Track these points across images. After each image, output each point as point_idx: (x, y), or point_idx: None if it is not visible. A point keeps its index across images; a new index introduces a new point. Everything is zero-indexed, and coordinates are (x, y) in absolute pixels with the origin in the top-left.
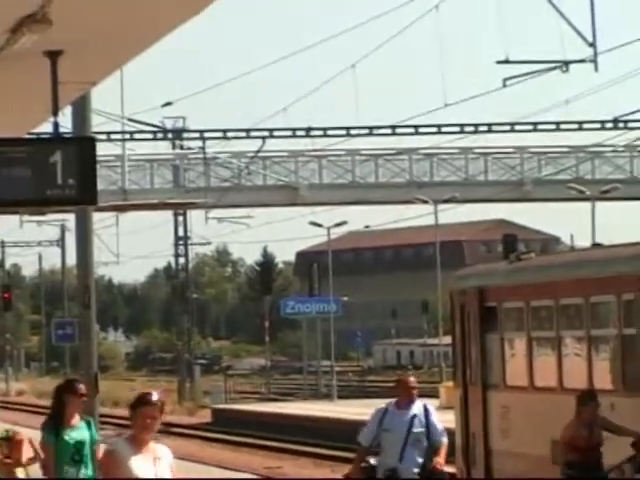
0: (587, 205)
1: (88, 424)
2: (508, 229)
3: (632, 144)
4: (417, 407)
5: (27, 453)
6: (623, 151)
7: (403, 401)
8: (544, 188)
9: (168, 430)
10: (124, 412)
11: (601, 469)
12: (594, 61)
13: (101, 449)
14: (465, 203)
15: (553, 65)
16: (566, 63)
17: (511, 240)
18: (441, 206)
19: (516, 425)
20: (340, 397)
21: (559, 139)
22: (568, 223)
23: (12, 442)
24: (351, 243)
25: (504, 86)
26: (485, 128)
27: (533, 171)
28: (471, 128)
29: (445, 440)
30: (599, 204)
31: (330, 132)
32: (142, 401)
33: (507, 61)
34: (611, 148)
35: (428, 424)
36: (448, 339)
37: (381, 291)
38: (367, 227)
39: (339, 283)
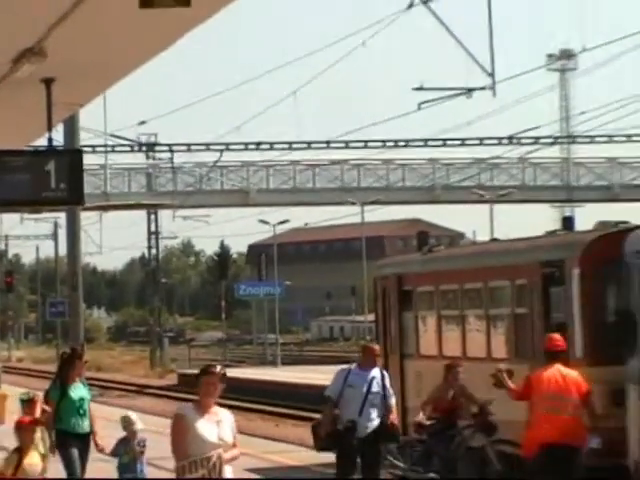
0: (487, 207)
1: (84, 384)
2: (421, 227)
3: (524, 157)
4: (376, 371)
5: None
6: (516, 163)
7: (366, 364)
8: (451, 193)
9: (142, 390)
10: (106, 375)
11: (455, 429)
12: (493, 88)
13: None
14: (386, 205)
15: (459, 92)
16: (469, 90)
17: (424, 236)
18: (367, 207)
19: (427, 386)
20: (283, 364)
21: (464, 153)
22: (471, 222)
23: (32, 402)
24: (293, 237)
25: (419, 109)
26: (403, 143)
27: (442, 179)
28: (391, 143)
29: (394, 401)
30: (496, 206)
31: (276, 146)
32: (205, 371)
33: (421, 88)
34: (506, 160)
35: (384, 387)
36: (372, 316)
37: (317, 277)
38: (306, 224)
39: (283, 270)
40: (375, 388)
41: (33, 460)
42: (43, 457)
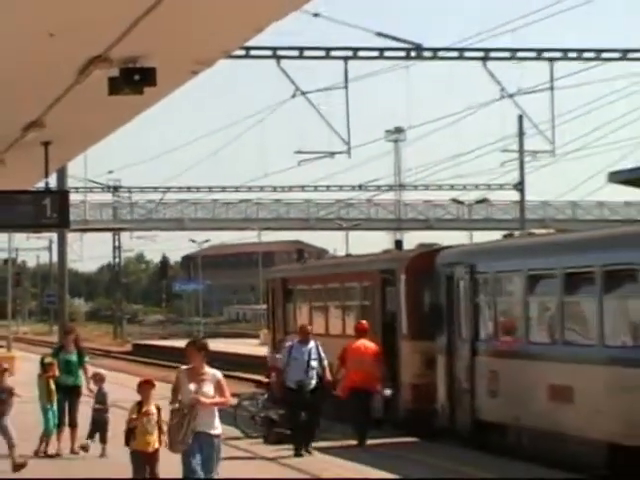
0: (344, 233)
1: (79, 351)
2: (300, 246)
3: (369, 199)
4: (312, 344)
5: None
6: (364, 203)
7: (303, 339)
8: (320, 223)
9: (108, 354)
10: (83, 344)
11: None
12: (348, 152)
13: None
14: (276, 230)
15: (324, 154)
16: (332, 153)
17: (301, 251)
18: (263, 232)
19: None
20: (205, 337)
21: (329, 195)
22: (333, 242)
23: (51, 365)
24: (212, 251)
25: (299, 165)
26: (288, 188)
27: (314, 213)
28: (280, 189)
29: (326, 364)
30: (351, 232)
31: (201, 189)
32: (187, 344)
33: (300, 152)
34: (357, 201)
35: (319, 354)
36: (264, 306)
37: (229, 279)
38: (223, 243)
39: (206, 274)
40: (313, 356)
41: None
42: None
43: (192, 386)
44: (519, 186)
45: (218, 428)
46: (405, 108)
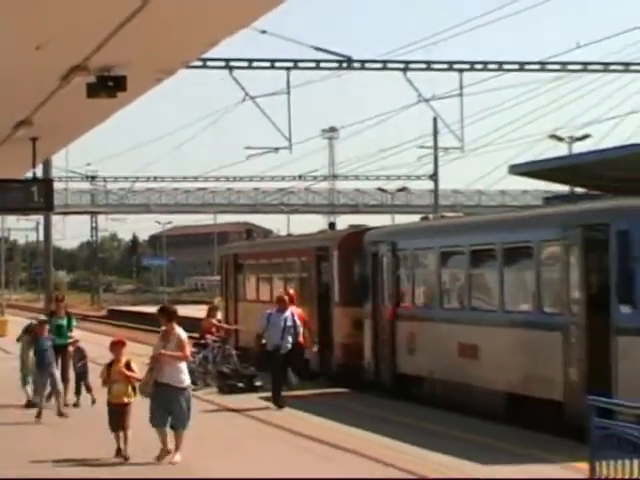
0: (286, 216)
1: (68, 316)
2: (249, 226)
3: (307, 187)
4: (288, 311)
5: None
6: (304, 191)
7: (280, 307)
8: (266, 207)
9: (86, 318)
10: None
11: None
12: (290, 148)
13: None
14: (229, 214)
15: (269, 150)
16: (276, 149)
17: (250, 231)
18: (218, 215)
19: (249, 318)
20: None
21: (275, 184)
22: (277, 224)
23: (44, 322)
24: (175, 232)
25: (247, 159)
26: (239, 179)
27: (261, 199)
28: (232, 179)
29: (301, 330)
30: (292, 215)
31: (166, 179)
32: (160, 309)
33: (249, 147)
34: (298, 189)
35: (294, 321)
36: (219, 277)
37: (189, 255)
38: (184, 224)
39: (169, 251)
40: (289, 323)
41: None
42: None
43: (160, 344)
44: (433, 177)
45: (184, 382)
46: (338, 110)
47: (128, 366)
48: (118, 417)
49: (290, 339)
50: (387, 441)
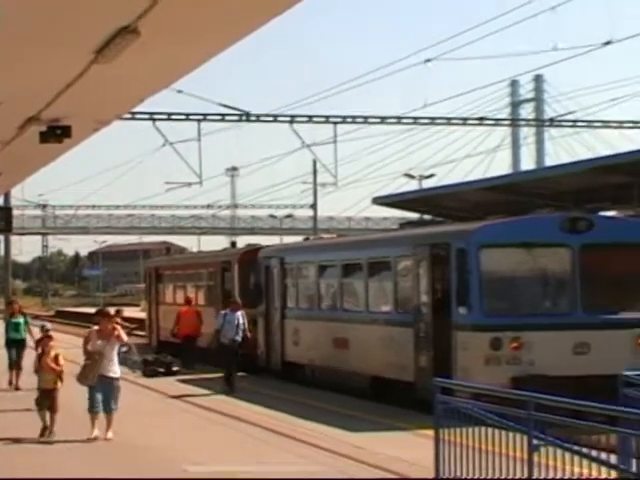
0: (196, 237)
1: (24, 316)
2: (167, 244)
3: (215, 214)
4: (239, 313)
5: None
6: (211, 217)
7: (233, 309)
8: (182, 229)
9: (38, 317)
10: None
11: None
12: (200, 182)
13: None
14: (152, 235)
15: (184, 184)
16: (189, 183)
17: (168, 248)
18: (145, 237)
19: (169, 318)
20: (104, 306)
21: (189, 212)
22: (189, 242)
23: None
24: (110, 249)
25: (166, 191)
26: (160, 207)
27: (178, 223)
28: (155, 207)
29: (247, 327)
30: (202, 237)
31: (102, 207)
32: (100, 312)
33: (168, 182)
34: (205, 216)
35: (243, 320)
36: (144, 285)
37: (121, 267)
38: (116, 243)
39: (104, 264)
40: (240, 321)
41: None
42: None
43: (99, 341)
44: (313, 206)
45: (118, 373)
46: (239, 153)
47: (56, 358)
48: (46, 399)
49: (240, 334)
50: (273, 412)
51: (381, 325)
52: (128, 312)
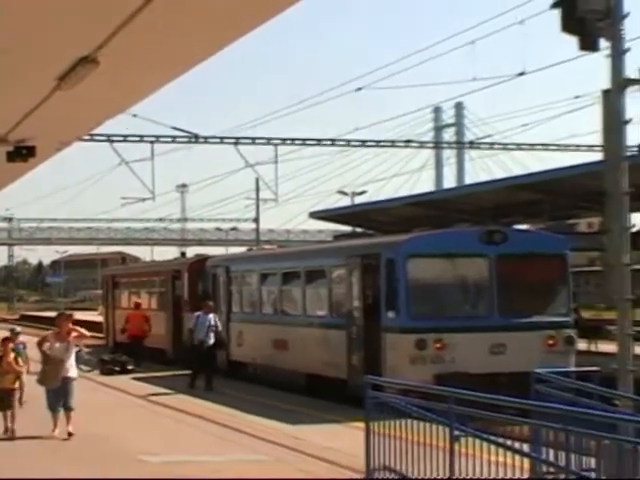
0: (150, 247)
1: None
2: (123, 255)
3: (166, 227)
4: (211, 315)
5: None
6: (163, 229)
7: (205, 311)
8: (137, 241)
9: (4, 320)
10: None
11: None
12: (153, 198)
13: None
14: (109, 245)
15: (138, 199)
16: (144, 199)
17: (124, 258)
18: (101, 246)
19: (123, 321)
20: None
21: (143, 225)
22: (142, 252)
23: None
24: (71, 258)
25: (122, 206)
26: (116, 221)
27: (133, 235)
28: (111, 221)
29: (220, 328)
30: (155, 247)
31: (63, 220)
32: (59, 315)
33: (124, 197)
34: (166, 229)
35: (216, 322)
36: (101, 291)
37: (80, 275)
38: (76, 253)
39: (66, 272)
40: (212, 322)
41: None
42: None
43: (58, 344)
44: (255, 220)
45: (75, 373)
46: (189, 171)
47: (15, 359)
48: (6, 400)
49: (212, 335)
50: (220, 407)
51: (317, 328)
52: (88, 316)
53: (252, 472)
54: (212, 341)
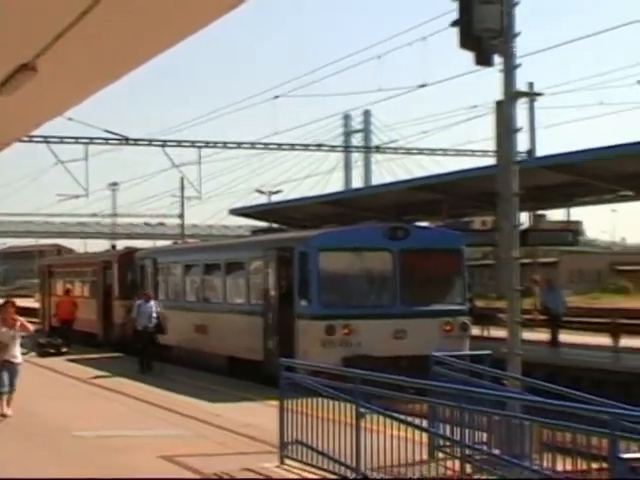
0: (84, 240)
1: None
2: (58, 247)
3: (98, 222)
4: (152, 302)
5: None
6: (95, 223)
7: (146, 300)
8: (71, 234)
9: None
10: None
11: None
12: (87, 195)
13: None
14: (45, 238)
15: (73, 196)
16: (77, 196)
17: (59, 250)
18: (40, 239)
19: (54, 306)
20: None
21: (77, 219)
22: (78, 245)
23: None
24: (11, 250)
25: (58, 202)
26: (52, 215)
27: (66, 229)
28: (49, 215)
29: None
30: (88, 240)
31: (4, 215)
32: (4, 303)
33: (60, 194)
34: (91, 222)
35: (156, 309)
36: (38, 280)
37: (20, 265)
38: (16, 245)
39: (5, 262)
40: (153, 310)
41: None
42: None
43: (5, 329)
44: (181, 216)
45: (20, 358)
46: (119, 170)
47: None
48: None
49: (154, 322)
50: (148, 387)
51: (236, 314)
52: (26, 302)
53: (175, 446)
54: (152, 326)
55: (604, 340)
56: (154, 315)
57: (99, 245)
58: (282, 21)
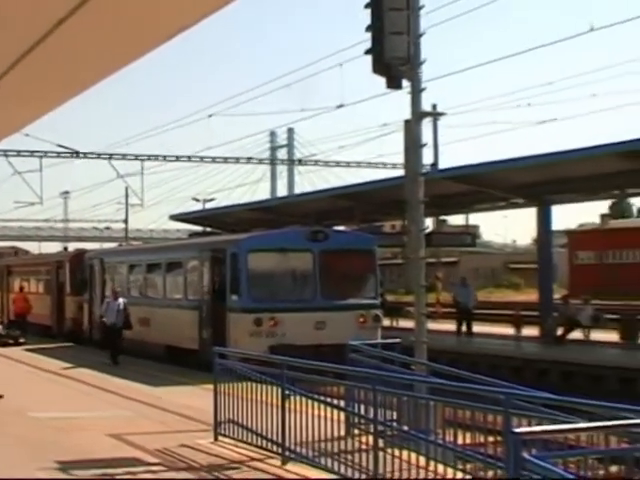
0: (39, 243)
1: None
2: (16, 249)
3: (52, 226)
4: (120, 300)
5: None
6: (49, 228)
7: (114, 297)
8: (27, 238)
9: None
10: None
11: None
12: (42, 203)
13: None
14: (4, 241)
15: (29, 204)
16: (32, 203)
17: (16, 251)
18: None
19: (11, 302)
20: None
21: (34, 224)
22: (33, 247)
23: None
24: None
25: (16, 209)
26: (10, 220)
27: (24, 232)
28: (6, 221)
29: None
30: (42, 243)
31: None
32: None
33: (17, 201)
34: (46, 227)
35: (125, 307)
36: None
37: None
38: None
39: None
40: (121, 307)
41: None
42: None
43: None
44: (125, 221)
45: None
46: (71, 181)
47: None
48: None
49: (122, 318)
50: (96, 373)
51: (175, 308)
52: None
53: (121, 425)
54: (120, 323)
55: (506, 330)
56: (122, 311)
57: (53, 247)
58: (217, 44)
